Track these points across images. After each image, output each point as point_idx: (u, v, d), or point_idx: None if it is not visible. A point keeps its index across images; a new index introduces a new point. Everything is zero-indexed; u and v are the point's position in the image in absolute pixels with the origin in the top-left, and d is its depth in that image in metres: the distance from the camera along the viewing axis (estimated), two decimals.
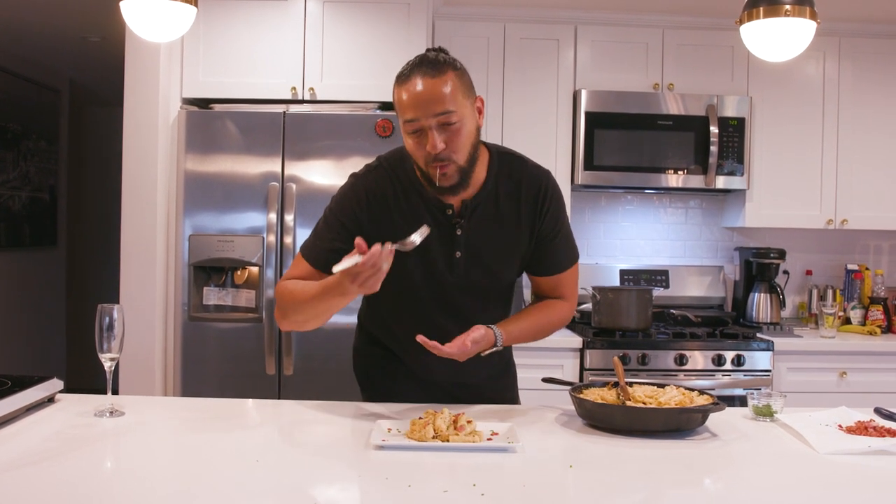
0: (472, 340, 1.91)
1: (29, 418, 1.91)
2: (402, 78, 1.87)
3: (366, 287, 1.72)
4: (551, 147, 3.95)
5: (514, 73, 3.96)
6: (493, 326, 1.98)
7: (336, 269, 1.71)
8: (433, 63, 1.86)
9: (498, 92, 3.95)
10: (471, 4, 3.97)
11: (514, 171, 2.04)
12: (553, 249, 2.09)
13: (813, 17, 2.23)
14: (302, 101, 3.57)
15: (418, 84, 1.83)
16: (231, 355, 3.41)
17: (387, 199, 1.99)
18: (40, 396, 1.99)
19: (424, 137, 1.84)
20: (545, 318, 2.13)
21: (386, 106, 3.56)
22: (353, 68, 3.57)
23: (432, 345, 1.86)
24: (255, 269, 3.43)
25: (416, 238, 1.77)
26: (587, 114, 3.88)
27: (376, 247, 1.69)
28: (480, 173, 2.00)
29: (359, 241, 1.71)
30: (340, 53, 3.58)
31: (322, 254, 1.99)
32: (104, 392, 1.98)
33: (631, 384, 2.07)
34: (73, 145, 6.86)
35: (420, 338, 1.86)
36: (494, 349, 1.98)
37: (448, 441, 1.71)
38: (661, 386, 2.06)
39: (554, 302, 2.16)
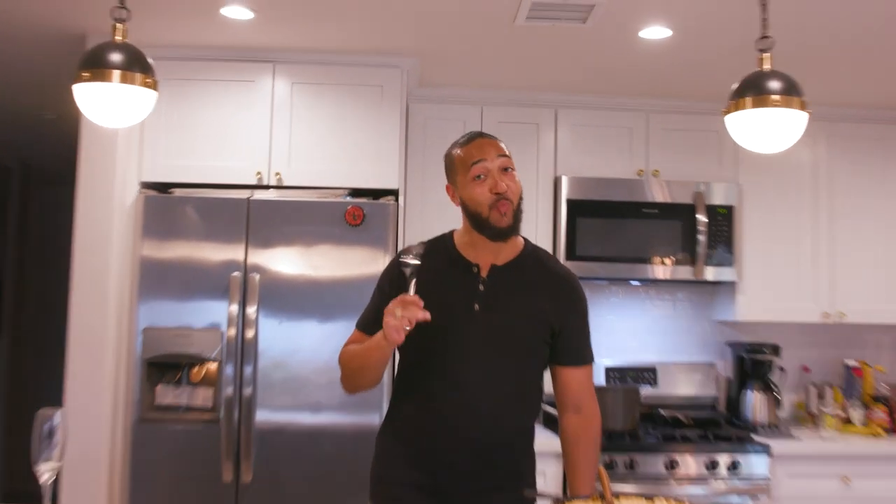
0: None
1: None
2: (463, 141, 2.27)
3: (389, 330, 2.00)
4: (531, 235, 3.85)
5: None
6: None
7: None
8: (487, 134, 2.29)
9: None
10: (446, 86, 4.03)
11: (546, 259, 2.37)
12: (577, 338, 2.30)
13: (802, 107, 2.27)
14: (268, 187, 3.58)
15: (482, 140, 2.24)
16: (185, 460, 3.33)
17: (419, 258, 2.22)
18: None
19: (488, 180, 2.18)
20: (593, 451, 2.33)
21: (357, 192, 3.58)
22: (322, 153, 3.59)
23: None
24: (213, 366, 3.37)
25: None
26: (569, 201, 3.92)
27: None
28: (515, 247, 2.30)
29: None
30: (309, 137, 3.61)
31: (369, 318, 2.29)
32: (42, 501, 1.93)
33: (618, 495, 2.04)
34: (22, 228, 6.83)
35: None
36: None
37: None
38: (651, 497, 2.03)
39: (584, 428, 2.32)
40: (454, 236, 2.35)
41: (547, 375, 2.36)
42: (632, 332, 4.38)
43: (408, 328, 2.01)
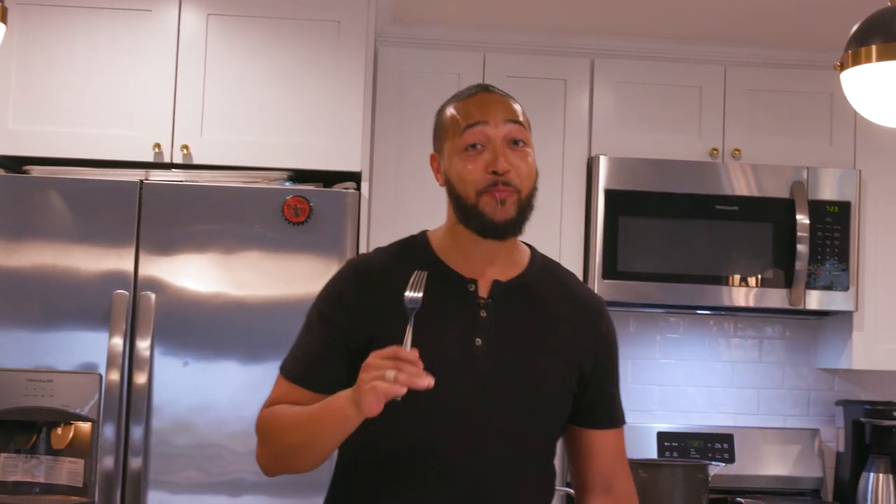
0: None
1: None
2: (462, 94, 2.19)
3: (369, 397, 1.82)
4: (553, 241, 3.91)
5: None
6: None
7: None
8: (496, 89, 2.20)
9: None
10: (433, 23, 4.01)
11: (562, 275, 2.29)
12: (609, 389, 2.27)
13: None
14: (170, 166, 3.56)
15: (486, 96, 2.16)
16: None
17: (385, 272, 2.16)
18: None
19: (485, 154, 2.08)
20: None
21: (301, 176, 3.56)
22: (251, 118, 3.59)
23: None
24: (85, 426, 3.35)
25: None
26: (608, 193, 3.90)
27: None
28: (520, 257, 2.22)
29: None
30: (232, 95, 3.60)
31: (300, 361, 2.15)
32: None
33: None
34: None
35: None
36: None
37: None
38: None
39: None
40: (430, 238, 2.24)
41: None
42: (697, 382, 4.37)
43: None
